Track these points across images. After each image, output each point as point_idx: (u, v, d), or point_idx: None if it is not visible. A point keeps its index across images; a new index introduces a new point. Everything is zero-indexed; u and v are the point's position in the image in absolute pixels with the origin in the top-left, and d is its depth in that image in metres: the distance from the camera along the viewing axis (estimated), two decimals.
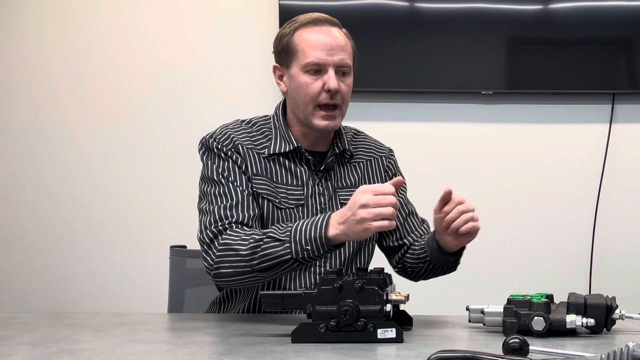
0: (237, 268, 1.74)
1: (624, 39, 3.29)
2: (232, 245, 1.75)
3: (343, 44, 1.89)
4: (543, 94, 3.33)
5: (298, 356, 1.38)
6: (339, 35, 1.90)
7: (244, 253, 1.72)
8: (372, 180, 2.02)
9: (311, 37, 1.88)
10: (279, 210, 1.87)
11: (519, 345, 1.26)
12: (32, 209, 3.49)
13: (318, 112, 1.88)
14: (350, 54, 1.91)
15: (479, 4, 3.27)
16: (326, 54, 1.86)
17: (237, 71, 3.41)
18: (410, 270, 1.99)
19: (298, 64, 1.88)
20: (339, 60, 1.87)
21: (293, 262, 1.69)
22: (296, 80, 1.89)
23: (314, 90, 1.87)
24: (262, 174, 1.88)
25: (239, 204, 1.83)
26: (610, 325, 1.56)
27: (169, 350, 1.49)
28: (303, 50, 1.87)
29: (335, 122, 1.90)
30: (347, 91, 1.90)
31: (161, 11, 3.45)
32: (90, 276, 3.46)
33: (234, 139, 1.90)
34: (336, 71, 1.87)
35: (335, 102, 1.88)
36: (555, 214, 3.34)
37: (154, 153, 3.44)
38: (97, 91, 3.46)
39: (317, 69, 1.86)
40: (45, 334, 1.62)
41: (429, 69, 3.31)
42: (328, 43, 1.87)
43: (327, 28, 1.89)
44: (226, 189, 1.85)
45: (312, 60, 1.86)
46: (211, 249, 1.79)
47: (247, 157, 1.89)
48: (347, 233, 1.65)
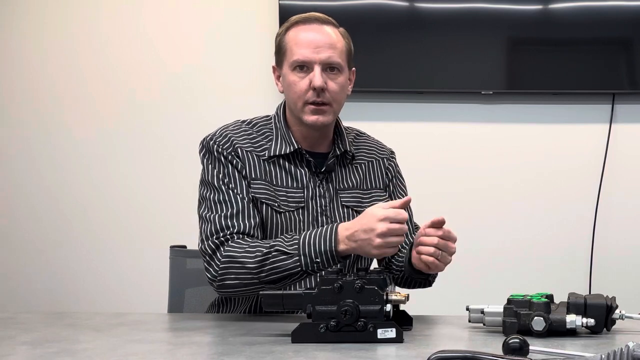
0: (243, 280, 1.76)
1: (624, 39, 3.29)
2: (236, 257, 1.76)
3: (331, 41, 1.86)
4: (543, 94, 3.33)
5: (298, 356, 1.38)
6: (332, 33, 1.87)
7: (251, 266, 1.74)
8: (373, 183, 2.00)
9: (299, 35, 1.87)
10: (278, 214, 1.87)
11: (519, 345, 1.26)
12: (32, 209, 3.49)
13: (307, 108, 1.86)
14: (341, 52, 1.88)
15: (479, 4, 3.26)
16: (312, 51, 1.84)
17: (237, 71, 3.41)
18: (393, 276, 1.99)
19: (287, 63, 1.88)
20: (326, 58, 1.84)
21: (302, 273, 1.73)
22: (287, 79, 1.88)
23: (301, 89, 1.85)
24: (261, 178, 1.88)
25: (239, 213, 1.83)
26: (610, 325, 1.56)
27: (169, 350, 1.49)
28: (291, 49, 1.87)
29: (325, 117, 1.87)
30: (336, 89, 1.87)
31: (161, 11, 3.45)
32: (90, 276, 3.46)
33: (234, 142, 1.89)
34: (324, 69, 1.85)
35: (323, 101, 1.85)
36: (555, 214, 3.34)
37: (154, 153, 3.44)
38: (97, 91, 3.46)
39: (303, 66, 1.85)
40: (45, 334, 1.62)
41: (429, 69, 3.31)
42: (314, 41, 1.85)
43: (317, 26, 1.87)
44: (226, 197, 1.85)
45: (298, 57, 1.85)
46: (214, 260, 1.79)
47: (247, 161, 1.88)
48: (357, 250, 1.70)
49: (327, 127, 1.92)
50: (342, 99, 1.92)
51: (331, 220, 1.90)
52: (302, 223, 1.88)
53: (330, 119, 1.90)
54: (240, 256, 1.76)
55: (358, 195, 1.96)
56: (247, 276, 1.75)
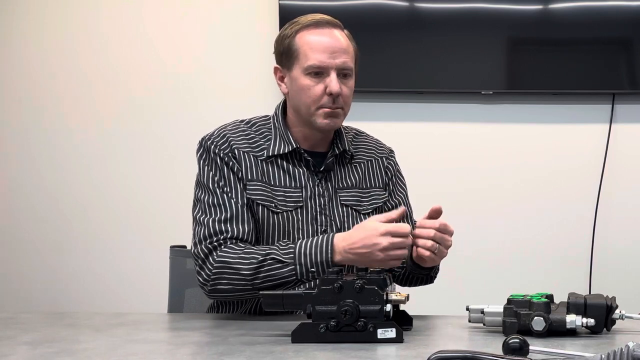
0: (237, 285, 1.77)
1: (624, 39, 3.28)
2: (230, 263, 1.77)
3: (345, 46, 1.88)
4: (543, 94, 3.33)
5: (298, 356, 1.38)
6: (341, 37, 1.89)
7: (246, 272, 1.75)
8: (372, 181, 2.00)
9: (313, 39, 1.87)
10: (275, 215, 1.86)
11: (519, 345, 1.26)
12: (32, 209, 3.49)
13: (321, 111, 1.87)
14: (352, 56, 1.90)
15: (479, 4, 3.26)
16: (328, 56, 1.85)
17: (237, 71, 3.41)
18: (394, 274, 1.98)
19: (300, 66, 1.87)
20: (341, 63, 1.85)
21: (297, 281, 1.75)
22: (298, 83, 1.88)
23: (315, 93, 1.86)
24: (258, 179, 1.87)
25: (233, 218, 1.83)
26: (610, 325, 1.56)
27: (169, 350, 1.49)
28: (305, 53, 1.86)
29: (337, 121, 1.89)
30: (348, 94, 1.89)
31: (161, 11, 3.45)
32: (90, 276, 3.46)
33: (232, 142, 1.89)
34: (338, 74, 1.86)
35: (337, 106, 1.87)
36: (555, 214, 3.34)
37: (154, 153, 3.44)
38: (97, 91, 3.46)
39: (319, 71, 1.85)
40: (45, 334, 1.62)
41: (429, 69, 3.31)
42: (330, 46, 1.85)
43: (329, 30, 1.88)
44: (220, 200, 1.85)
45: (314, 63, 1.85)
46: (206, 264, 1.80)
47: (243, 162, 1.88)
48: (357, 262, 1.72)
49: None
50: (351, 102, 1.93)
51: (330, 219, 1.91)
52: (300, 223, 1.88)
53: (341, 122, 1.93)
54: (235, 262, 1.76)
55: (357, 194, 1.96)
56: (240, 282, 1.76)
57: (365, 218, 1.93)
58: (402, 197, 2.06)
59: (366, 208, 1.96)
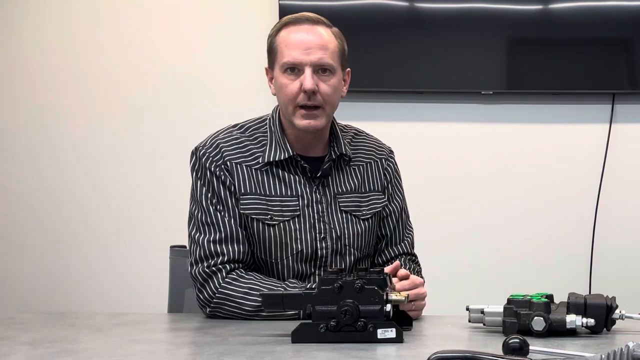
0: (238, 316, 1.79)
1: (624, 39, 3.28)
2: (234, 297, 1.78)
3: (323, 42, 1.82)
4: (543, 94, 3.33)
5: (298, 356, 1.38)
6: (324, 33, 1.83)
7: (249, 309, 1.77)
8: (372, 185, 1.97)
9: (289, 36, 1.83)
10: (270, 228, 1.84)
11: (519, 345, 1.26)
12: (32, 209, 3.49)
13: (298, 112, 1.83)
14: (334, 53, 1.84)
15: (479, 4, 3.26)
16: (302, 52, 1.80)
17: (237, 71, 3.41)
18: None
19: (278, 65, 1.85)
20: (317, 59, 1.80)
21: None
22: (277, 82, 1.86)
23: (291, 91, 1.82)
24: (252, 191, 1.85)
25: (228, 239, 1.82)
26: (610, 325, 1.56)
27: (169, 350, 1.49)
28: (281, 50, 1.83)
29: (318, 121, 1.83)
30: (329, 91, 1.83)
31: (161, 11, 3.45)
32: (90, 276, 3.46)
33: (224, 154, 1.86)
34: (315, 70, 1.81)
35: (315, 104, 1.82)
36: (555, 214, 3.34)
37: (154, 153, 3.44)
38: (97, 91, 3.46)
39: (294, 67, 1.81)
40: (45, 334, 1.62)
41: (429, 69, 3.31)
42: (305, 42, 1.81)
43: (308, 26, 1.83)
44: (214, 219, 1.83)
45: (288, 59, 1.81)
46: (206, 289, 1.81)
47: (236, 174, 1.85)
48: None
49: (321, 130, 1.88)
50: (335, 101, 1.88)
51: (330, 226, 1.88)
52: (298, 232, 1.85)
53: (324, 123, 1.86)
54: (239, 297, 1.77)
55: (356, 199, 1.93)
56: (242, 314, 1.78)
57: (364, 224, 1.92)
58: (399, 202, 2.02)
59: (365, 213, 1.93)
